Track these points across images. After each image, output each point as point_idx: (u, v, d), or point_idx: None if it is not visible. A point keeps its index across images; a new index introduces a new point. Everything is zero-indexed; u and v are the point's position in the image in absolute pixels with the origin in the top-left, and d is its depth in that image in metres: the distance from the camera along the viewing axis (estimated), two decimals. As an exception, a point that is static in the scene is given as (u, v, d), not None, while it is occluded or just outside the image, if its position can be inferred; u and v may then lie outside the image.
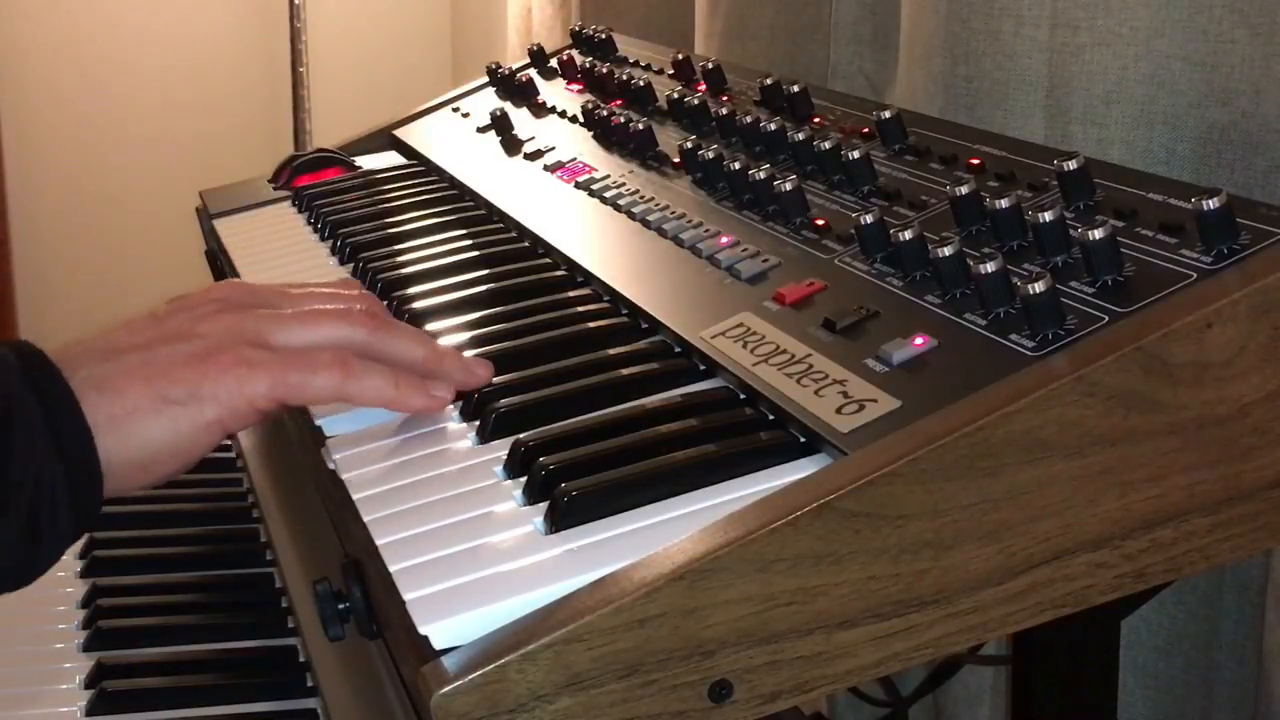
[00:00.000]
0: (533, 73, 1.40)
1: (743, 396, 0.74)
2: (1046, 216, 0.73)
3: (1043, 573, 0.64)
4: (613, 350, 0.83)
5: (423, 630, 0.59)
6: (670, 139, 1.10)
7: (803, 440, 0.68)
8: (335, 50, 3.03)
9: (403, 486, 0.72)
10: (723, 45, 1.65)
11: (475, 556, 0.64)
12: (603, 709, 0.58)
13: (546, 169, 1.14)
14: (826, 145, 0.93)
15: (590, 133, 1.18)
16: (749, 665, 0.60)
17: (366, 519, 0.69)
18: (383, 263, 1.04)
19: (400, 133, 1.43)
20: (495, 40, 2.76)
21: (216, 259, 1.26)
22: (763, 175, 0.91)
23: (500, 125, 1.26)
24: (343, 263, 1.10)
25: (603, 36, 1.39)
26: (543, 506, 0.67)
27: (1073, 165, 0.78)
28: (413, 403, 0.78)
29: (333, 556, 0.79)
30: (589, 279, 0.94)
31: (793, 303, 0.79)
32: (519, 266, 1.00)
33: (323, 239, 1.17)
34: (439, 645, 0.59)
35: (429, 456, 0.75)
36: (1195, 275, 0.67)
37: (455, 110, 1.42)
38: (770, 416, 0.71)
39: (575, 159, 1.14)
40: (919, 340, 0.70)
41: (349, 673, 0.92)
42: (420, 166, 1.32)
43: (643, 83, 1.20)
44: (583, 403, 0.77)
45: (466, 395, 0.79)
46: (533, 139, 1.23)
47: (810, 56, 1.56)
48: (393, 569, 0.64)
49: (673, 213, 0.96)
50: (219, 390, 0.73)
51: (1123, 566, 0.65)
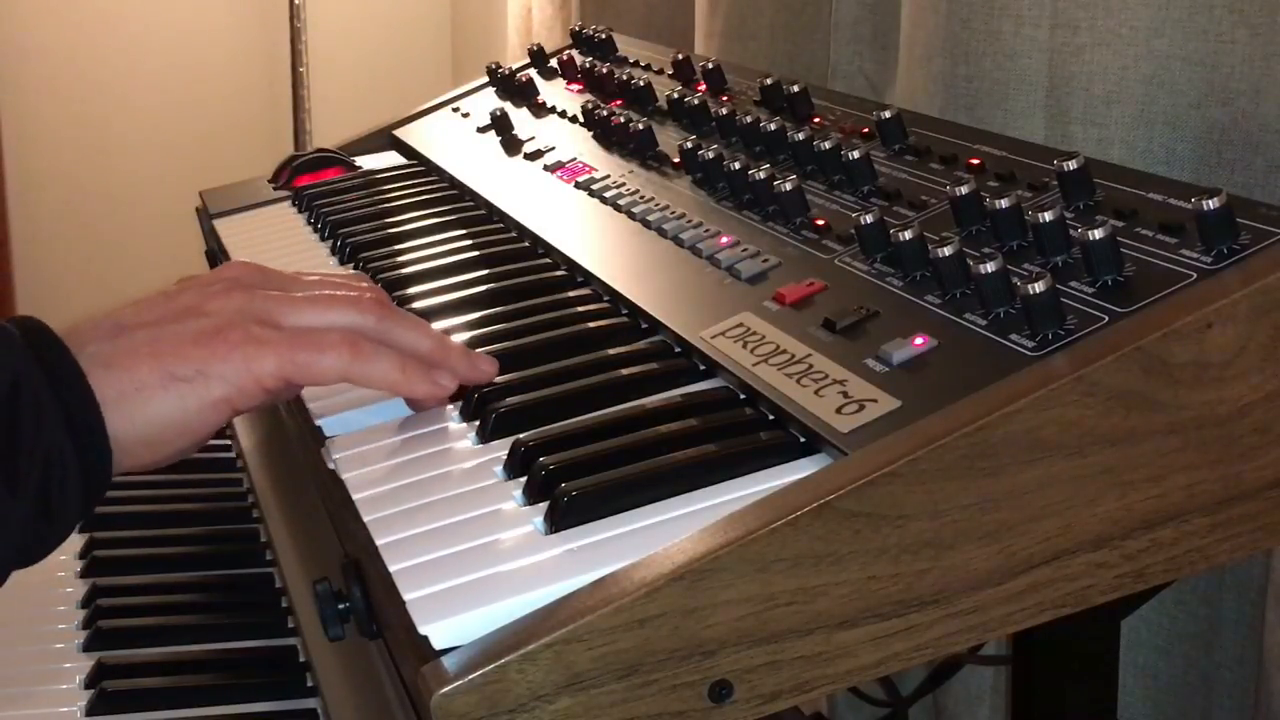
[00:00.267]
0: (533, 73, 1.40)
1: (743, 396, 0.74)
2: (1046, 216, 0.73)
3: (1043, 573, 0.64)
4: (613, 350, 0.83)
5: (423, 630, 0.59)
6: (670, 139, 1.10)
7: (803, 440, 0.68)
8: (335, 50, 3.03)
9: (403, 486, 0.72)
10: (723, 45, 1.65)
11: (475, 556, 0.64)
12: (603, 709, 0.58)
13: (546, 169, 1.14)
14: (826, 145, 0.93)
15: (590, 133, 1.18)
16: (749, 665, 0.60)
17: (366, 519, 0.69)
18: (383, 263, 1.04)
19: (400, 133, 1.43)
20: (495, 40, 2.76)
21: (216, 259, 1.26)
22: (763, 175, 0.91)
23: (500, 125, 1.26)
24: (343, 263, 1.10)
25: (603, 36, 1.39)
26: (543, 506, 0.67)
27: (1073, 165, 0.77)
28: (418, 389, 0.78)
29: (333, 556, 0.79)
30: (589, 279, 0.94)
31: (793, 303, 0.79)
32: (519, 266, 1.00)
33: (323, 239, 1.17)
34: (439, 645, 0.59)
35: (429, 456, 0.75)
36: (1195, 275, 0.67)
37: (455, 110, 1.42)
38: (770, 416, 0.71)
39: (575, 159, 1.14)
40: (919, 340, 0.70)
41: (349, 673, 0.92)
42: (420, 166, 1.32)
43: (643, 83, 1.20)
44: (583, 403, 0.77)
45: (467, 395, 0.79)
46: (533, 139, 1.23)
47: (810, 56, 1.56)
48: (393, 569, 0.64)
49: (673, 213, 0.96)
50: (227, 368, 0.73)
51: (1123, 566, 0.65)
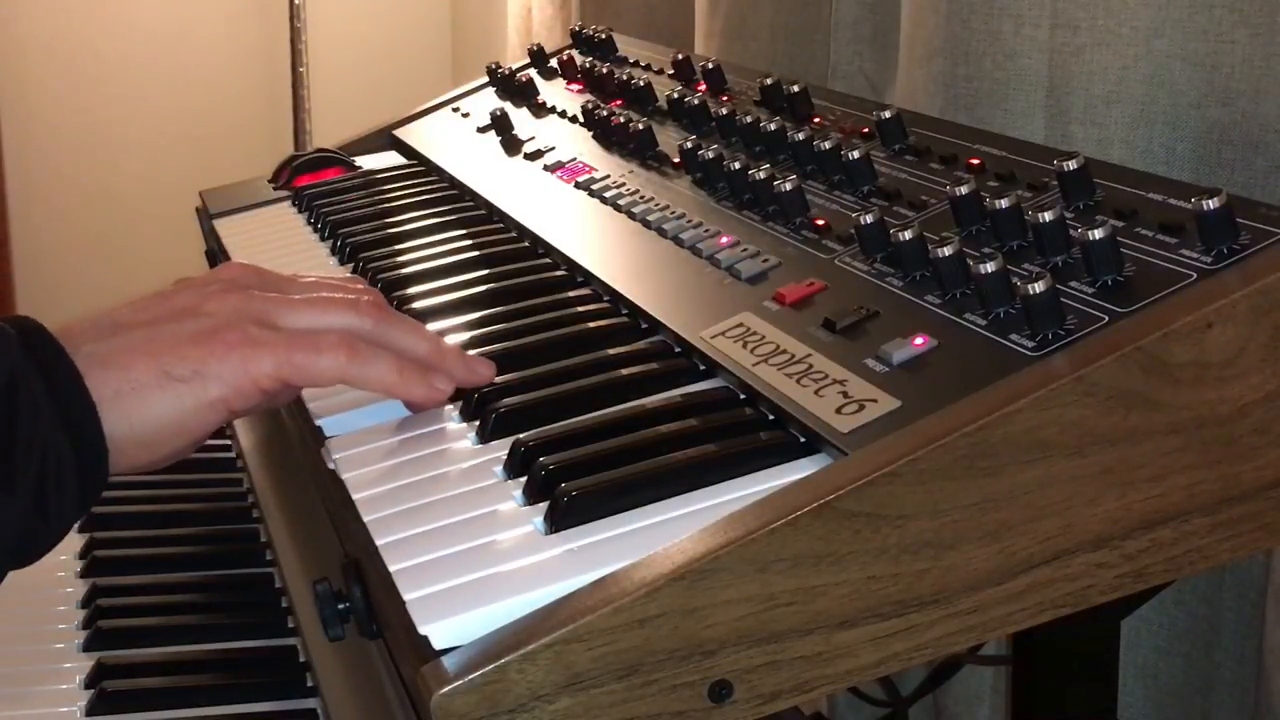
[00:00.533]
0: (533, 73, 1.40)
1: (743, 396, 0.74)
2: (1046, 216, 0.73)
3: (1043, 573, 0.64)
4: (613, 350, 0.83)
5: (423, 630, 0.59)
6: (670, 139, 1.10)
7: (803, 440, 0.68)
8: (335, 50, 3.03)
9: (403, 486, 0.72)
10: (723, 45, 1.65)
11: (475, 556, 0.64)
12: (603, 709, 0.58)
13: (546, 169, 1.14)
14: (826, 145, 0.93)
15: (590, 133, 1.18)
16: (749, 665, 0.60)
17: (366, 519, 0.69)
18: (383, 263, 1.04)
19: (400, 133, 1.43)
20: (495, 40, 2.76)
21: (216, 259, 1.26)
22: (763, 175, 0.91)
23: (500, 125, 1.26)
24: (343, 263, 1.10)
25: (603, 36, 1.39)
26: (543, 506, 0.66)
27: (1073, 165, 0.77)
28: (414, 391, 0.78)
29: (333, 556, 0.79)
30: (589, 279, 0.94)
31: (793, 303, 0.79)
32: (519, 266, 1.00)
33: (323, 239, 1.17)
34: (439, 645, 0.59)
35: (429, 456, 0.75)
36: (1195, 275, 0.67)
37: (455, 110, 1.42)
38: (770, 416, 0.71)
39: (575, 159, 1.14)
40: (919, 340, 0.70)
41: (349, 673, 0.92)
42: (420, 166, 1.32)
43: (643, 83, 1.20)
44: (583, 403, 0.77)
45: (466, 395, 0.79)
46: (533, 139, 1.23)
47: (810, 56, 1.56)
48: (393, 569, 0.64)
49: (673, 213, 0.96)
50: (224, 368, 0.73)
51: (1123, 566, 0.65)
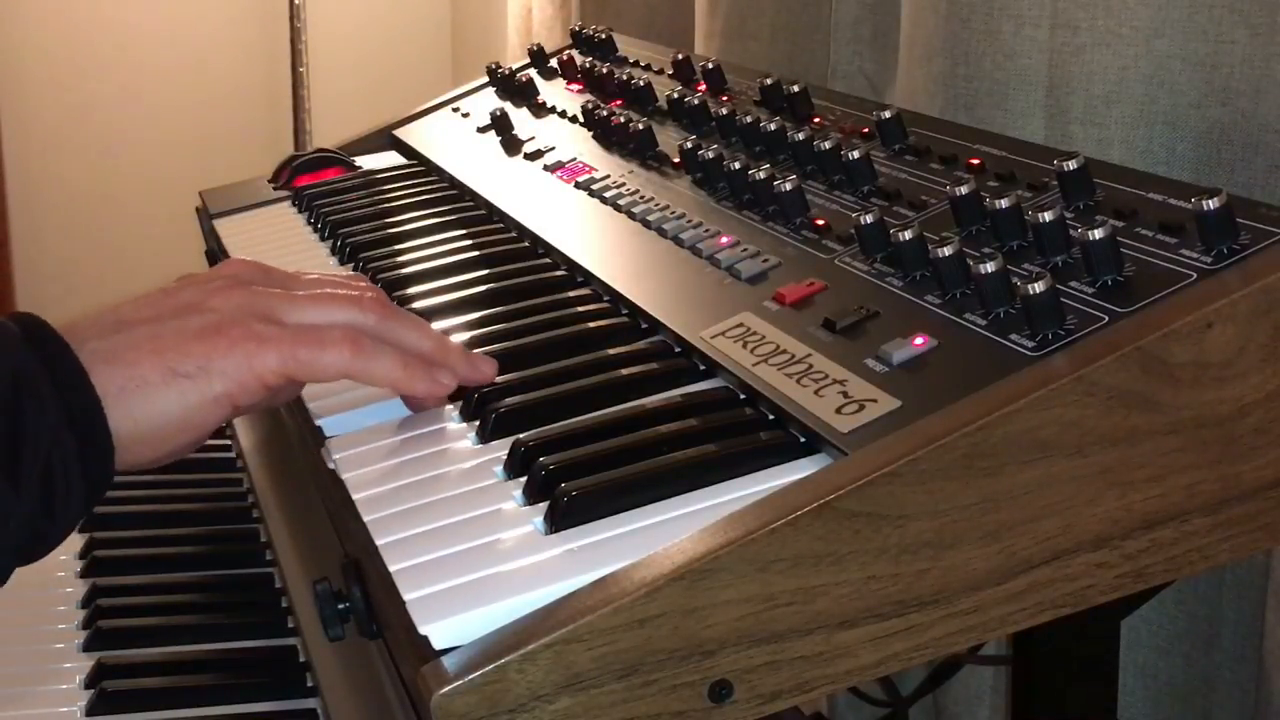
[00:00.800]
0: (533, 73, 1.40)
1: (743, 396, 0.74)
2: (1046, 216, 0.73)
3: (1043, 573, 0.64)
4: (613, 350, 0.83)
5: (423, 630, 0.59)
6: (670, 139, 1.10)
7: (803, 440, 0.68)
8: (335, 50, 3.03)
9: (403, 486, 0.72)
10: (723, 45, 1.65)
11: (475, 556, 0.64)
12: (603, 709, 0.58)
13: (546, 169, 1.14)
14: (826, 145, 0.93)
15: (590, 133, 1.18)
16: (749, 665, 0.60)
17: (366, 519, 0.69)
18: (383, 263, 1.04)
19: (400, 133, 1.43)
20: (495, 40, 2.76)
21: (216, 259, 1.26)
22: (763, 175, 0.91)
23: (500, 125, 1.26)
24: (343, 263, 1.10)
25: (603, 36, 1.39)
26: (543, 506, 0.66)
27: (1073, 165, 0.77)
28: (419, 387, 0.78)
29: (333, 556, 0.79)
30: (589, 279, 0.94)
31: (793, 303, 0.79)
32: (519, 266, 1.00)
33: (323, 239, 1.17)
34: (439, 645, 0.59)
35: (429, 456, 0.75)
36: (1195, 275, 0.67)
37: (455, 110, 1.42)
38: (770, 416, 0.71)
39: (575, 159, 1.14)
40: (919, 340, 0.70)
41: (349, 673, 0.92)
42: (420, 166, 1.32)
43: (643, 83, 1.20)
44: (583, 403, 0.77)
45: (466, 395, 0.79)
46: (533, 139, 1.23)
47: (810, 56, 1.56)
48: (393, 569, 0.64)
49: (673, 213, 0.96)
50: (228, 364, 0.73)
51: (1123, 566, 0.65)
